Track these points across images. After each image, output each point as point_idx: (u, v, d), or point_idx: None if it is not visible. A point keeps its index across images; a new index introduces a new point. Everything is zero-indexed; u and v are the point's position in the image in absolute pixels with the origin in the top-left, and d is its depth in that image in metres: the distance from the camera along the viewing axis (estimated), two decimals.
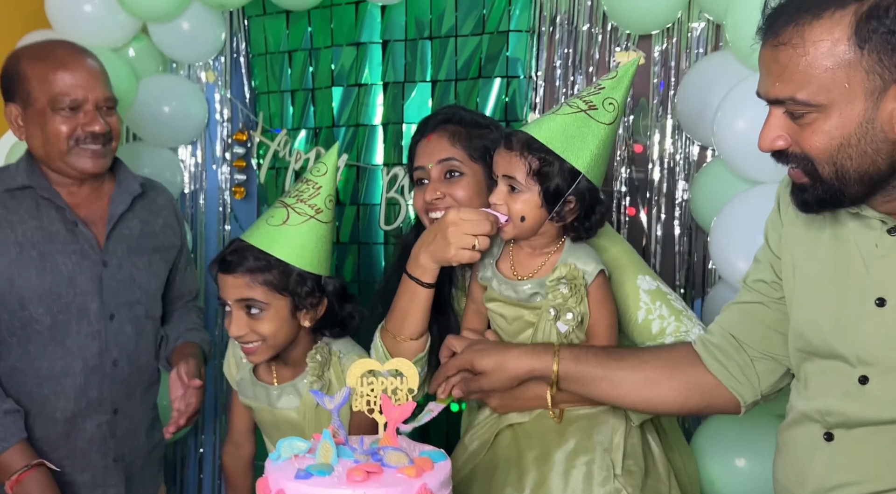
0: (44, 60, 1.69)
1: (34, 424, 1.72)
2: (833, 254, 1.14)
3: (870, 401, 1.09)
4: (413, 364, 1.16)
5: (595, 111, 1.37)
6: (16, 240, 1.70)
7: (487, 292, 1.49)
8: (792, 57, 1.00)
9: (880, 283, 1.07)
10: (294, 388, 1.59)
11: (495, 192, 1.41)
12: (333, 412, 1.13)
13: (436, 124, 1.63)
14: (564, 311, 1.37)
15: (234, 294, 1.51)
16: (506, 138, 1.40)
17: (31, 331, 1.71)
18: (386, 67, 2.41)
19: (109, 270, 1.78)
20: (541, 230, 1.41)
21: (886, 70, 0.96)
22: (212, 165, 2.70)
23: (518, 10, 2.21)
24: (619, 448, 1.40)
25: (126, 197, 1.82)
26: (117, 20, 2.39)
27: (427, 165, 1.60)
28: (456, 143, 1.59)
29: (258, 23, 2.57)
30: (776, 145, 1.06)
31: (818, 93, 0.99)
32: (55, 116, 1.68)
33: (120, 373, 1.80)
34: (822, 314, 1.16)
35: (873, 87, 0.97)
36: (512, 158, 1.37)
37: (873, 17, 0.95)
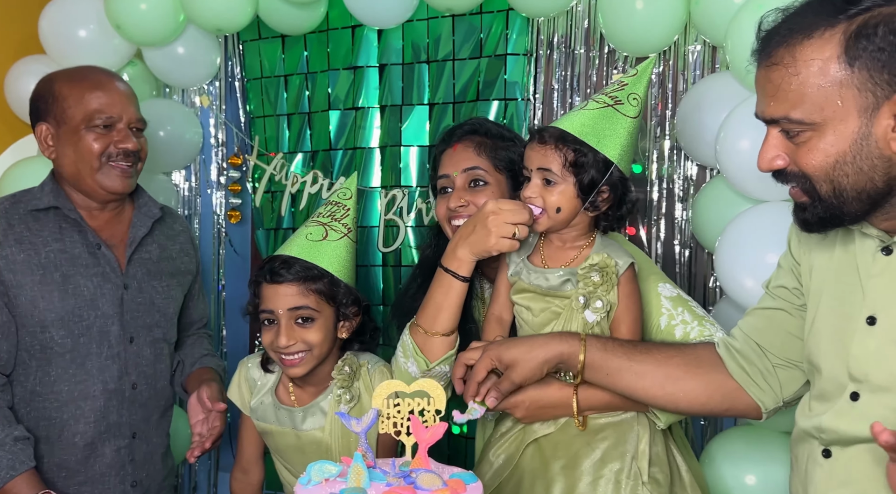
0: (80, 81, 1.75)
1: (53, 449, 1.69)
2: (838, 268, 1.16)
3: (860, 418, 1.09)
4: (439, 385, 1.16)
5: (621, 106, 1.43)
6: (39, 262, 1.70)
7: (516, 284, 1.49)
8: (785, 77, 1.01)
9: (872, 301, 1.08)
10: (318, 408, 1.58)
11: (529, 186, 1.44)
12: (361, 435, 1.11)
13: (462, 134, 1.65)
14: (594, 299, 1.39)
15: (287, 303, 1.53)
16: (537, 133, 1.44)
17: (51, 354, 1.70)
18: (383, 91, 2.42)
19: (130, 293, 1.78)
20: (573, 222, 1.45)
21: (878, 87, 0.97)
22: (206, 189, 2.68)
23: (515, 33, 2.24)
24: (644, 456, 1.41)
25: (147, 221, 1.84)
26: (112, 45, 2.39)
27: (452, 174, 1.62)
28: (481, 153, 1.61)
29: (253, 47, 2.58)
30: (774, 165, 1.08)
31: (812, 111, 1.00)
32: (89, 134, 1.72)
33: (139, 397, 1.79)
34: (822, 328, 1.18)
35: (866, 104, 0.98)
36: (547, 151, 1.41)
37: (862, 35, 0.96)
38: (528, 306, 1.47)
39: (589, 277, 1.40)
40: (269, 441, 1.68)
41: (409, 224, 2.40)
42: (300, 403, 1.62)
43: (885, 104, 0.97)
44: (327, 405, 1.58)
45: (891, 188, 1.02)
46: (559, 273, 1.44)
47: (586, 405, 1.43)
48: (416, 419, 1.11)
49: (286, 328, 1.52)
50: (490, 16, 2.26)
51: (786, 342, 1.29)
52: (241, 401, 1.69)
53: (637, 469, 1.39)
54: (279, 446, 1.65)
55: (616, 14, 2.00)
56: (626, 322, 1.43)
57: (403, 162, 2.40)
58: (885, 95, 0.97)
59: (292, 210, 2.54)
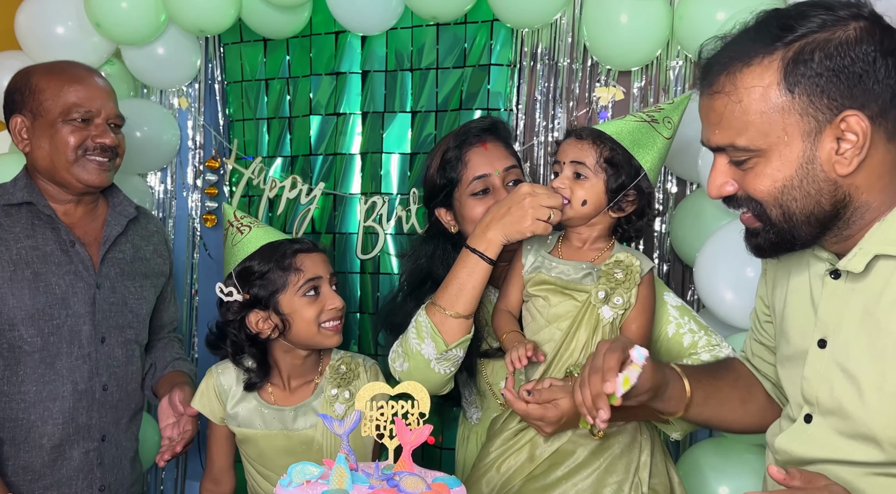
0: (58, 74, 1.72)
1: (18, 451, 1.64)
2: (796, 291, 1.17)
3: (809, 440, 1.11)
4: (424, 387, 1.14)
5: (657, 124, 1.47)
6: (10, 258, 1.66)
7: (535, 277, 1.50)
8: (727, 105, 1.02)
9: (823, 324, 1.09)
10: (310, 408, 1.56)
11: (560, 177, 1.46)
12: (344, 437, 1.09)
13: (484, 132, 1.64)
14: (615, 295, 1.40)
15: (329, 268, 1.63)
16: (575, 131, 1.48)
17: (20, 353, 1.65)
18: (365, 98, 2.42)
19: (103, 292, 1.74)
20: (594, 221, 1.47)
21: (819, 112, 0.98)
22: (182, 192, 2.64)
23: (499, 44, 2.25)
24: (646, 467, 1.41)
25: (122, 220, 1.81)
26: (90, 43, 2.36)
27: (493, 173, 1.61)
28: (510, 151, 1.63)
29: (234, 50, 2.56)
30: (724, 191, 1.08)
31: (756, 138, 1.01)
32: (65, 127, 1.69)
33: (109, 398, 1.75)
34: (784, 350, 1.19)
35: (809, 128, 0.99)
36: (583, 145, 1.45)
37: (800, 61, 0.97)
38: (544, 297, 1.48)
39: (612, 273, 1.42)
40: (248, 449, 1.65)
41: (389, 232, 2.39)
42: (284, 402, 1.59)
43: (827, 128, 0.98)
44: (319, 404, 1.57)
45: (838, 212, 1.03)
46: (582, 266, 1.46)
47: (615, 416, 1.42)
48: (401, 421, 1.09)
49: (333, 293, 1.60)
50: (475, 26, 2.27)
51: None
52: (211, 410, 1.65)
53: (638, 480, 1.40)
54: (263, 450, 1.62)
55: (600, 28, 2.03)
56: (639, 323, 1.44)
57: (384, 169, 2.39)
58: (827, 119, 0.98)
59: (270, 215, 2.52)
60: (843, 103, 0.97)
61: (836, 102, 0.97)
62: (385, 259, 2.40)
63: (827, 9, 0.99)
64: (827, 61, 0.96)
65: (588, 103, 2.22)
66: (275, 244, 1.61)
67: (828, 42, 0.97)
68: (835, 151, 0.99)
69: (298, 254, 1.59)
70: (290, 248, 1.60)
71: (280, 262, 1.58)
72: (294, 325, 1.57)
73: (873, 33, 0.97)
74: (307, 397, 1.60)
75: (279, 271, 1.58)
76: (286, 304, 1.57)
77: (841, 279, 1.08)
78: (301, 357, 1.62)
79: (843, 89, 0.97)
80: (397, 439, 1.08)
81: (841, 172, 0.99)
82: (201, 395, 1.66)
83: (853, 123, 0.97)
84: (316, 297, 1.58)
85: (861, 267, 1.03)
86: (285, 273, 1.57)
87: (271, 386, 1.63)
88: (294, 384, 1.62)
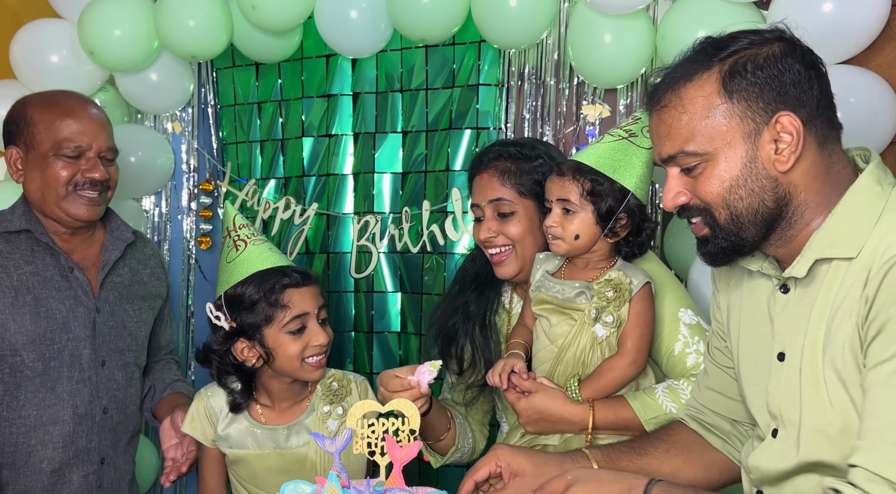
0: (52, 107, 1.73)
1: (18, 476, 1.65)
2: (750, 310, 1.23)
3: (778, 454, 1.14)
4: (414, 405, 1.16)
5: (635, 138, 1.50)
6: (11, 284, 1.68)
7: (536, 296, 1.54)
8: (675, 116, 1.12)
9: (781, 338, 1.14)
10: (302, 426, 1.57)
11: (550, 215, 1.51)
12: (335, 455, 1.11)
13: (488, 161, 1.67)
14: (605, 314, 1.44)
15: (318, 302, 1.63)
16: (556, 167, 1.52)
17: (21, 378, 1.66)
18: (357, 119, 2.45)
19: (102, 316, 1.76)
20: (595, 247, 1.51)
21: (756, 114, 1.08)
22: (177, 215, 2.67)
23: (487, 64, 2.29)
24: None
25: (120, 245, 1.83)
26: (84, 71, 2.39)
27: (481, 204, 1.66)
28: (506, 181, 1.64)
29: (227, 75, 2.59)
30: (678, 201, 1.16)
31: (703, 143, 1.10)
32: (56, 161, 1.70)
33: (109, 421, 1.76)
34: (744, 370, 1.24)
35: (749, 130, 1.08)
36: (565, 183, 1.49)
37: (735, 72, 1.08)
38: (546, 316, 1.52)
39: (603, 292, 1.46)
40: (240, 470, 1.65)
41: (382, 250, 2.41)
42: (276, 421, 1.61)
43: (765, 130, 1.08)
44: (312, 422, 1.58)
45: (780, 209, 1.11)
46: (575, 284, 1.50)
47: (601, 424, 1.46)
48: (391, 438, 1.11)
49: (319, 327, 1.59)
50: (463, 47, 2.31)
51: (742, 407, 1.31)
52: (202, 433, 1.66)
53: None
54: (255, 471, 1.63)
55: (584, 47, 2.06)
56: (632, 338, 1.46)
57: (376, 189, 2.42)
58: (763, 120, 1.08)
59: (265, 236, 2.54)
60: (777, 107, 1.08)
61: (770, 106, 1.08)
62: (378, 278, 2.43)
63: (754, 33, 1.12)
64: (758, 71, 1.08)
65: (576, 121, 2.26)
66: (267, 273, 1.60)
67: (757, 55, 1.09)
68: (774, 151, 1.08)
69: (287, 289, 1.57)
70: (280, 282, 1.58)
71: (268, 296, 1.57)
72: (277, 359, 1.58)
73: (795, 50, 1.10)
74: (299, 415, 1.62)
75: (266, 305, 1.57)
76: (271, 338, 1.57)
77: (791, 292, 1.14)
78: (287, 382, 1.63)
79: (775, 95, 1.08)
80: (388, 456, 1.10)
81: (780, 170, 1.09)
82: (192, 419, 1.66)
83: (787, 122, 1.07)
84: (301, 333, 1.58)
85: (804, 272, 1.10)
86: (272, 308, 1.57)
87: (261, 407, 1.64)
88: (284, 405, 1.64)
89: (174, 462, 1.64)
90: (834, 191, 1.10)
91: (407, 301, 2.42)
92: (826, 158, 1.10)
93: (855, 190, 1.09)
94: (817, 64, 1.11)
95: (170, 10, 2.23)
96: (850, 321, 1.03)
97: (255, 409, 1.64)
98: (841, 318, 1.05)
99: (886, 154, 1.88)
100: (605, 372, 1.47)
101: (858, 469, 0.98)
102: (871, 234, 1.04)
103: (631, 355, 1.46)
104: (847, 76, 1.80)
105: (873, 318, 1.00)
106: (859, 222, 1.06)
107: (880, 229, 1.04)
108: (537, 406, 1.45)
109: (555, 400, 1.45)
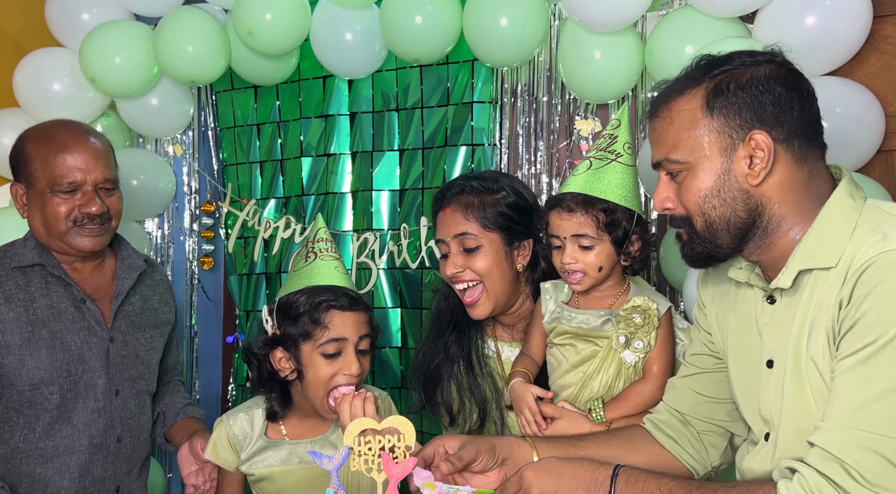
0: (47, 143, 1.71)
1: None
2: (738, 322, 1.29)
3: (770, 456, 1.19)
4: (410, 421, 1.19)
5: (622, 157, 1.49)
6: (28, 319, 1.68)
7: (556, 329, 1.53)
8: (664, 126, 1.22)
9: (769, 346, 1.20)
10: (328, 442, 1.59)
11: (565, 253, 1.47)
12: (333, 473, 1.14)
13: (451, 197, 1.65)
14: (635, 340, 1.45)
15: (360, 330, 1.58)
16: (558, 203, 1.48)
17: (39, 410, 1.67)
18: (354, 138, 2.49)
19: (116, 345, 1.77)
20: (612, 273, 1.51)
21: (733, 130, 1.16)
22: (179, 236, 2.71)
23: (480, 82, 2.33)
24: None
25: (132, 274, 1.83)
26: (86, 98, 2.44)
27: (446, 239, 1.64)
28: (469, 215, 1.61)
29: (226, 97, 2.64)
30: (665, 205, 1.24)
31: (685, 153, 1.19)
32: (54, 198, 1.70)
33: (123, 450, 1.77)
34: (736, 379, 1.29)
35: (725, 145, 1.16)
36: (577, 218, 1.46)
37: (718, 90, 1.17)
38: (570, 344, 1.51)
39: (631, 318, 1.46)
40: (267, 486, 1.64)
41: (382, 267, 2.45)
42: (301, 436, 1.62)
43: (740, 146, 1.16)
44: (337, 438, 1.57)
45: (754, 220, 1.18)
46: (600, 313, 1.50)
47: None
48: (387, 455, 1.14)
49: (356, 356, 1.55)
50: (456, 66, 2.35)
51: (705, 406, 1.38)
52: (225, 460, 1.65)
53: None
54: (282, 487, 1.62)
55: (575, 64, 2.10)
56: (659, 363, 1.47)
57: (375, 206, 2.46)
58: (739, 137, 1.16)
59: (265, 255, 2.58)
60: (753, 125, 1.15)
61: (747, 124, 1.15)
62: (379, 294, 2.46)
63: (749, 55, 1.19)
64: (739, 91, 1.16)
65: (569, 136, 2.29)
66: (320, 289, 1.57)
67: (741, 76, 1.17)
68: (748, 165, 1.16)
69: (332, 310, 1.54)
70: (328, 301, 1.55)
71: (312, 312, 1.54)
72: (307, 378, 1.56)
73: (780, 73, 1.17)
74: (325, 431, 1.62)
75: (308, 320, 1.55)
76: (306, 355, 1.55)
77: (777, 302, 1.19)
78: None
79: (753, 114, 1.15)
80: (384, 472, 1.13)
81: (752, 183, 1.16)
82: (214, 446, 1.65)
83: (760, 140, 1.14)
84: (335, 358, 1.54)
85: (789, 282, 1.16)
86: (313, 325, 1.54)
87: (284, 425, 1.64)
88: (310, 423, 1.64)
89: (196, 489, 1.64)
90: (813, 203, 1.16)
91: (407, 317, 2.45)
92: (806, 174, 1.17)
93: (830, 205, 1.15)
94: (802, 87, 1.17)
95: (169, 36, 2.28)
96: (828, 323, 1.09)
97: (277, 427, 1.64)
98: (820, 321, 1.11)
99: (874, 162, 1.91)
100: (634, 396, 1.47)
101: (815, 448, 1.04)
102: (847, 244, 1.10)
103: (660, 380, 1.47)
104: (833, 87, 1.84)
105: (844, 316, 1.06)
106: (836, 234, 1.12)
107: (855, 240, 1.10)
108: (562, 432, 1.44)
109: (579, 425, 1.46)
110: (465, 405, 1.68)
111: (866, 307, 1.03)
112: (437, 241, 1.68)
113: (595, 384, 1.49)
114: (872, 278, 1.03)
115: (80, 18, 2.40)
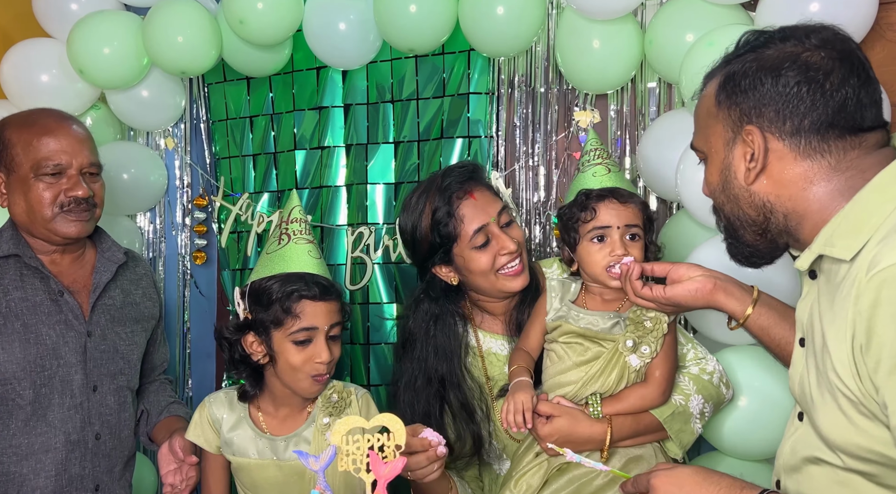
0: (29, 127, 1.68)
1: None
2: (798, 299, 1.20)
3: (800, 439, 1.12)
4: (399, 420, 1.15)
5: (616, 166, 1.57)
6: (0, 312, 1.64)
7: (560, 328, 1.51)
8: (696, 109, 1.17)
9: (802, 323, 1.13)
10: (301, 438, 1.57)
11: (615, 243, 1.46)
12: (319, 473, 1.10)
13: (474, 183, 1.64)
14: (642, 344, 1.43)
15: (330, 319, 1.58)
16: (609, 194, 1.49)
17: (12, 406, 1.64)
18: (348, 130, 2.44)
19: (94, 340, 1.73)
20: None
21: (734, 123, 1.08)
22: (171, 231, 2.67)
23: (477, 73, 2.28)
24: None
25: (111, 266, 1.80)
26: (75, 89, 2.39)
27: (490, 220, 1.60)
28: (490, 189, 1.66)
29: (218, 89, 2.59)
30: (703, 191, 1.18)
31: (701, 141, 1.14)
32: (38, 182, 1.66)
33: (102, 447, 1.74)
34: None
35: (727, 138, 1.09)
36: (631, 209, 1.49)
37: (728, 82, 1.09)
38: (574, 343, 1.50)
39: (641, 322, 1.44)
40: (244, 477, 1.64)
41: (377, 261, 2.40)
42: (276, 432, 1.61)
43: (738, 140, 1.08)
44: (311, 434, 1.57)
45: (766, 218, 1.08)
46: (610, 315, 1.49)
47: (618, 437, 1.45)
48: (375, 454, 1.09)
49: (327, 345, 1.56)
50: (452, 56, 2.30)
51: None
52: (206, 440, 1.66)
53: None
54: (256, 480, 1.62)
55: (573, 54, 2.05)
56: (662, 369, 1.46)
57: (370, 200, 2.41)
58: (737, 131, 1.08)
59: (258, 250, 2.53)
60: (751, 119, 1.06)
61: (745, 117, 1.06)
62: (374, 289, 2.41)
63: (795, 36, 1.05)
64: (743, 81, 1.06)
65: (567, 127, 2.24)
66: (292, 277, 1.57)
67: (753, 63, 1.06)
68: (746, 162, 1.07)
69: (303, 300, 1.55)
70: (299, 290, 1.55)
71: (283, 301, 1.55)
72: (279, 364, 1.58)
73: (801, 59, 1.03)
74: (299, 425, 1.61)
75: (279, 309, 1.55)
76: (277, 342, 1.57)
77: (816, 280, 1.10)
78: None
79: (752, 107, 1.05)
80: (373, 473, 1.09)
81: (747, 181, 1.08)
82: (195, 426, 1.66)
83: (751, 137, 1.06)
84: (305, 346, 1.56)
85: (805, 265, 1.06)
86: (284, 314, 1.55)
87: (263, 414, 1.63)
88: (285, 412, 1.62)
89: (173, 488, 1.61)
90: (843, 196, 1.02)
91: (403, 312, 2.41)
92: (826, 167, 1.03)
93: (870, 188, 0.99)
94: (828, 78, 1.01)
95: (158, 26, 2.23)
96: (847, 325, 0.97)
97: (256, 416, 1.63)
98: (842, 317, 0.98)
99: None
100: (634, 399, 1.46)
101: None
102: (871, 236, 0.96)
103: (662, 385, 1.46)
104: None
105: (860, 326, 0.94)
106: (862, 223, 0.98)
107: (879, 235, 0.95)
108: (561, 429, 1.43)
109: (579, 422, 1.44)
110: (461, 432, 1.66)
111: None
112: (478, 231, 1.59)
113: (596, 385, 1.48)
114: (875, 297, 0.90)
115: (68, 8, 2.36)
